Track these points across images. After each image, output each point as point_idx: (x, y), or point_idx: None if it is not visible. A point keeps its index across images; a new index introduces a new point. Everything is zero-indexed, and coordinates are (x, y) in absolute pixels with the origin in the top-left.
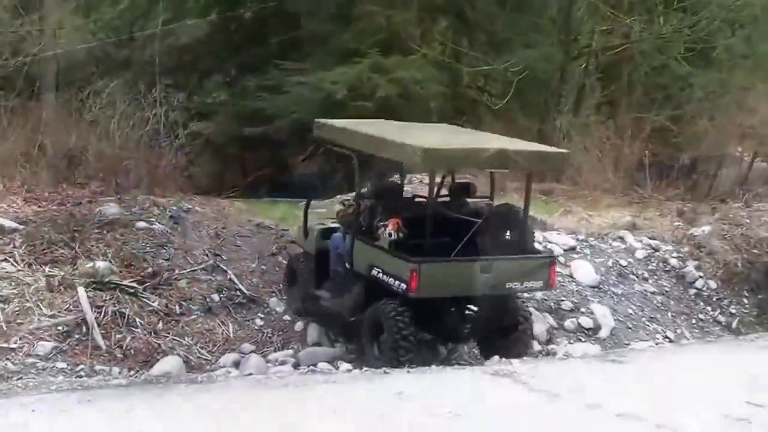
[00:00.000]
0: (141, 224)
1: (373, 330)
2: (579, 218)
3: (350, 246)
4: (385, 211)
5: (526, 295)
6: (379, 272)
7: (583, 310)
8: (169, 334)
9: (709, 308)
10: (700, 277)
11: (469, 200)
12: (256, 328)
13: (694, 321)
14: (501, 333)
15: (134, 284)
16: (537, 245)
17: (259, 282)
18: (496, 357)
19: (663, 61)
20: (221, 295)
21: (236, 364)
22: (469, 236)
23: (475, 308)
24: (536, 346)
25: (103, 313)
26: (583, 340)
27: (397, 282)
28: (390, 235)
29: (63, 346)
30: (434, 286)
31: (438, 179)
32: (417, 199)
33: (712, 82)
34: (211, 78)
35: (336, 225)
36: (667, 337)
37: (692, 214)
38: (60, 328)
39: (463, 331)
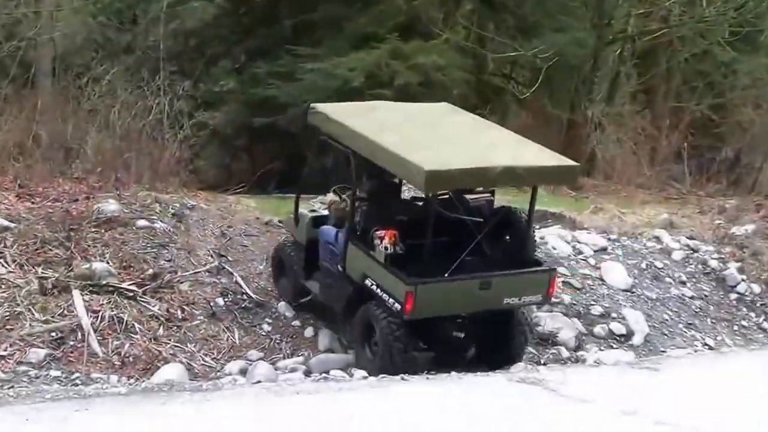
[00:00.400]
0: (141, 222)
1: (364, 331)
2: (611, 216)
3: (343, 248)
4: (382, 218)
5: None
6: (372, 285)
7: (614, 315)
8: (170, 340)
9: (752, 314)
10: (743, 280)
11: (469, 197)
12: (264, 334)
13: (735, 328)
14: (497, 340)
15: (133, 287)
16: (538, 253)
17: (267, 285)
18: (521, 364)
19: (705, 46)
20: (226, 299)
21: (243, 372)
22: (468, 249)
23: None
24: (564, 353)
25: (99, 318)
26: (614, 347)
27: (391, 300)
28: (386, 248)
29: (57, 354)
30: (430, 306)
31: None
32: (416, 201)
33: (758, 68)
34: (219, 64)
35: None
36: (706, 345)
37: (735, 212)
38: (54, 334)
39: (459, 341)
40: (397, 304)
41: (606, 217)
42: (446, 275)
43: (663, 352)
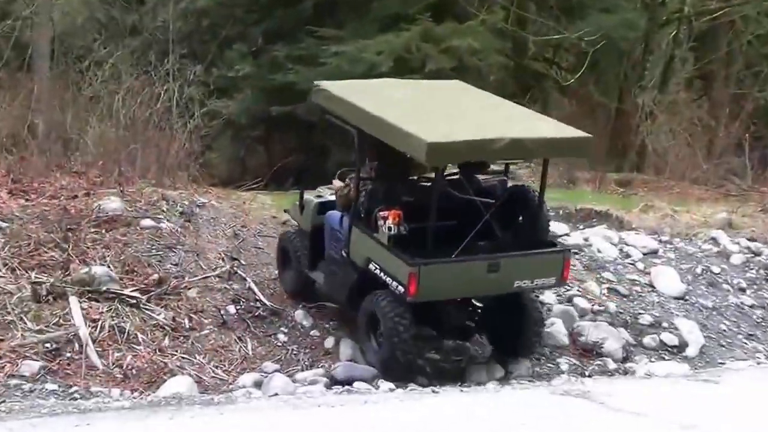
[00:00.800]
0: (146, 222)
1: (370, 322)
2: (662, 215)
3: (347, 232)
4: (387, 198)
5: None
6: (376, 268)
7: (665, 325)
8: (176, 351)
9: None
10: None
11: (481, 177)
12: (279, 344)
13: None
14: (511, 329)
15: (137, 294)
16: (552, 231)
17: (283, 291)
18: (564, 375)
19: None
20: (239, 307)
21: (257, 385)
22: (476, 229)
23: (479, 303)
24: (611, 365)
25: (99, 328)
26: (666, 358)
27: (395, 283)
28: (389, 229)
29: (52, 366)
30: (435, 289)
31: None
32: (423, 182)
33: None
34: (233, 47)
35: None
36: None
37: None
38: (48, 345)
39: (468, 327)
40: (400, 287)
41: (657, 216)
42: (453, 257)
43: (721, 364)
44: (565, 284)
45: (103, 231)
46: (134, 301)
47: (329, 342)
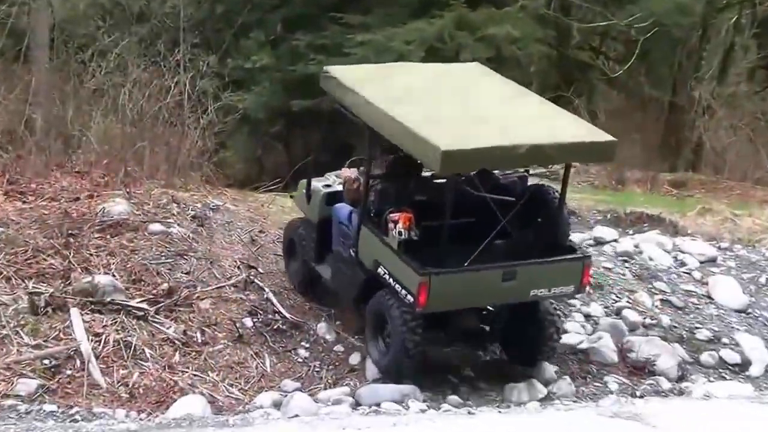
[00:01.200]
0: (155, 227)
1: (377, 322)
2: (722, 219)
3: (356, 231)
4: (398, 198)
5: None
6: (385, 273)
7: (725, 340)
8: (188, 368)
9: None
10: None
11: (499, 173)
12: (300, 360)
13: None
14: (526, 337)
15: (144, 305)
16: (572, 238)
17: (305, 302)
18: (612, 396)
19: None
20: (256, 319)
21: (276, 405)
22: (492, 235)
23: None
24: (664, 385)
25: (103, 343)
26: (727, 378)
27: (404, 291)
28: (400, 234)
29: (51, 385)
30: (447, 298)
31: None
32: (437, 179)
33: None
34: (250, 35)
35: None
36: None
37: None
38: (47, 361)
39: (481, 334)
40: (410, 296)
41: (715, 220)
42: (466, 264)
43: None
44: (584, 292)
45: (108, 236)
46: (141, 314)
47: (355, 358)
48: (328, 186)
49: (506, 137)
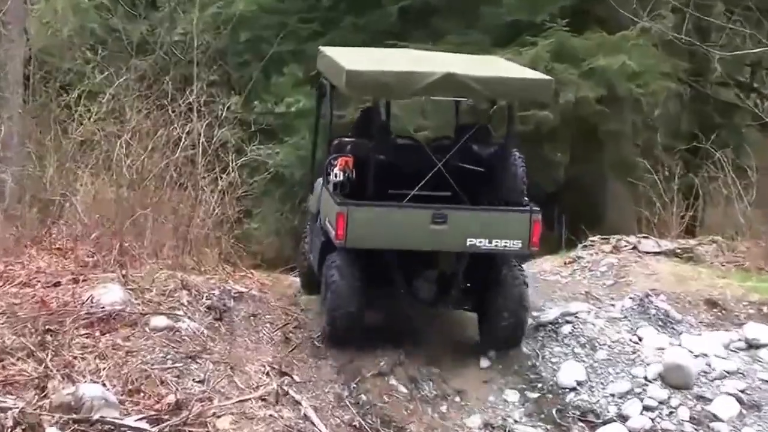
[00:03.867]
0: (158, 321)
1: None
2: None
3: (318, 195)
4: (351, 151)
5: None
6: (326, 220)
7: None
8: None
9: None
10: None
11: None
12: None
13: None
14: (484, 302)
15: (144, 424)
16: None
17: (352, 418)
18: None
19: None
20: None
21: None
22: (427, 177)
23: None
24: None
25: None
26: None
27: (330, 228)
28: (336, 176)
29: None
30: (369, 235)
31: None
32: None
33: None
34: (284, 71)
35: None
36: None
37: None
38: None
39: (429, 293)
40: (332, 231)
41: None
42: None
43: None
44: (535, 252)
45: (97, 333)
46: None
47: None
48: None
49: (424, 67)
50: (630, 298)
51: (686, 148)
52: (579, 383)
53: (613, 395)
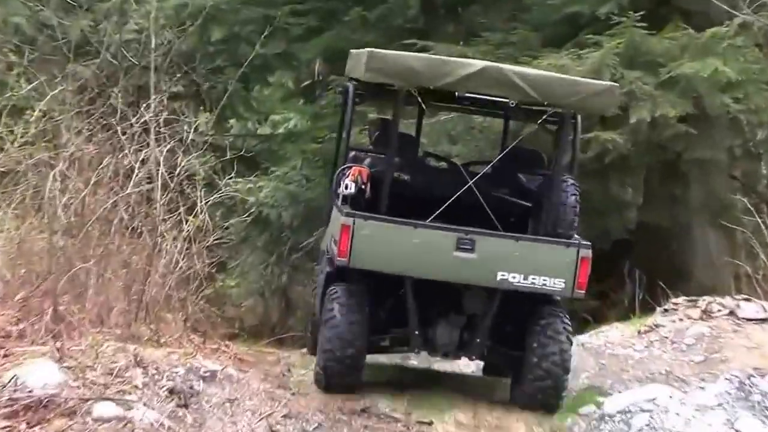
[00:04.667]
0: (104, 408)
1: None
2: None
3: (326, 216)
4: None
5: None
6: (330, 240)
7: None
8: None
9: None
10: None
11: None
12: None
13: None
14: (515, 357)
15: None
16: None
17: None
18: None
19: None
20: None
21: None
22: (456, 195)
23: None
24: None
25: None
26: None
27: (333, 246)
28: (347, 186)
29: None
30: (377, 255)
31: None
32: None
33: None
34: (270, 80)
35: None
36: None
37: None
38: None
39: (449, 339)
40: (336, 249)
41: None
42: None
43: None
44: (581, 296)
45: (23, 426)
46: None
47: None
48: None
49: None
50: (726, 379)
51: None
52: None
53: None
